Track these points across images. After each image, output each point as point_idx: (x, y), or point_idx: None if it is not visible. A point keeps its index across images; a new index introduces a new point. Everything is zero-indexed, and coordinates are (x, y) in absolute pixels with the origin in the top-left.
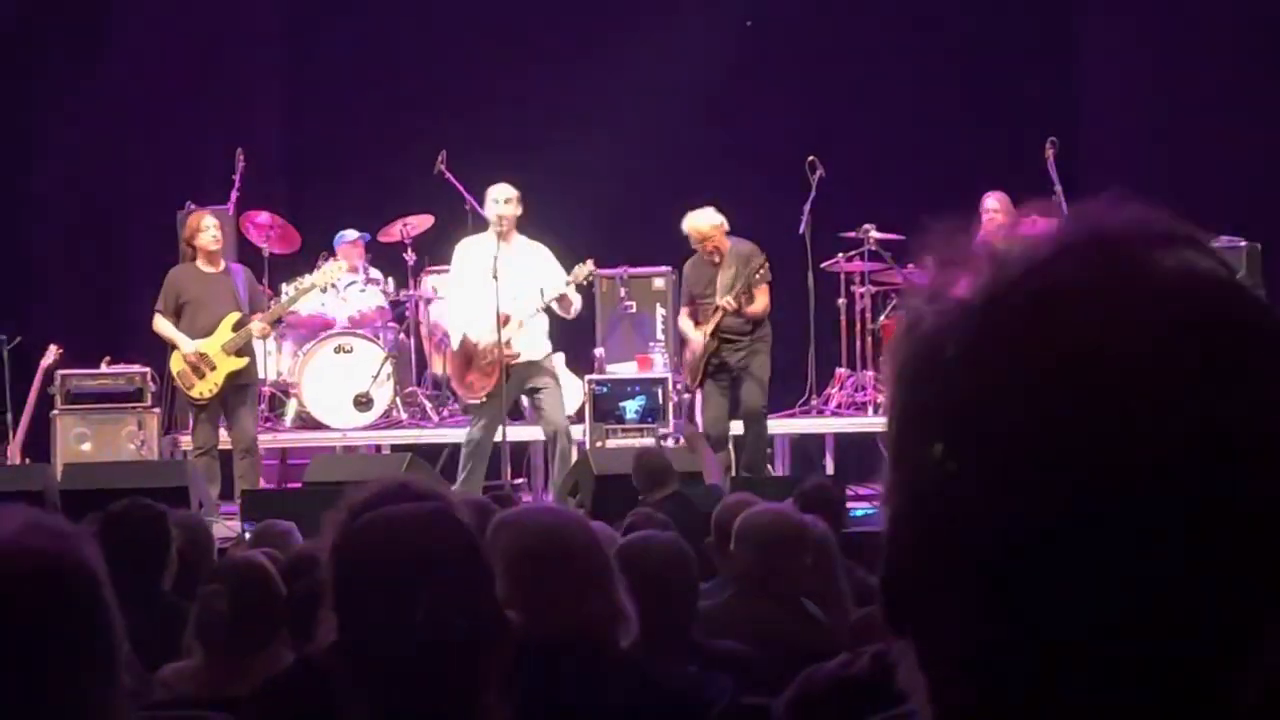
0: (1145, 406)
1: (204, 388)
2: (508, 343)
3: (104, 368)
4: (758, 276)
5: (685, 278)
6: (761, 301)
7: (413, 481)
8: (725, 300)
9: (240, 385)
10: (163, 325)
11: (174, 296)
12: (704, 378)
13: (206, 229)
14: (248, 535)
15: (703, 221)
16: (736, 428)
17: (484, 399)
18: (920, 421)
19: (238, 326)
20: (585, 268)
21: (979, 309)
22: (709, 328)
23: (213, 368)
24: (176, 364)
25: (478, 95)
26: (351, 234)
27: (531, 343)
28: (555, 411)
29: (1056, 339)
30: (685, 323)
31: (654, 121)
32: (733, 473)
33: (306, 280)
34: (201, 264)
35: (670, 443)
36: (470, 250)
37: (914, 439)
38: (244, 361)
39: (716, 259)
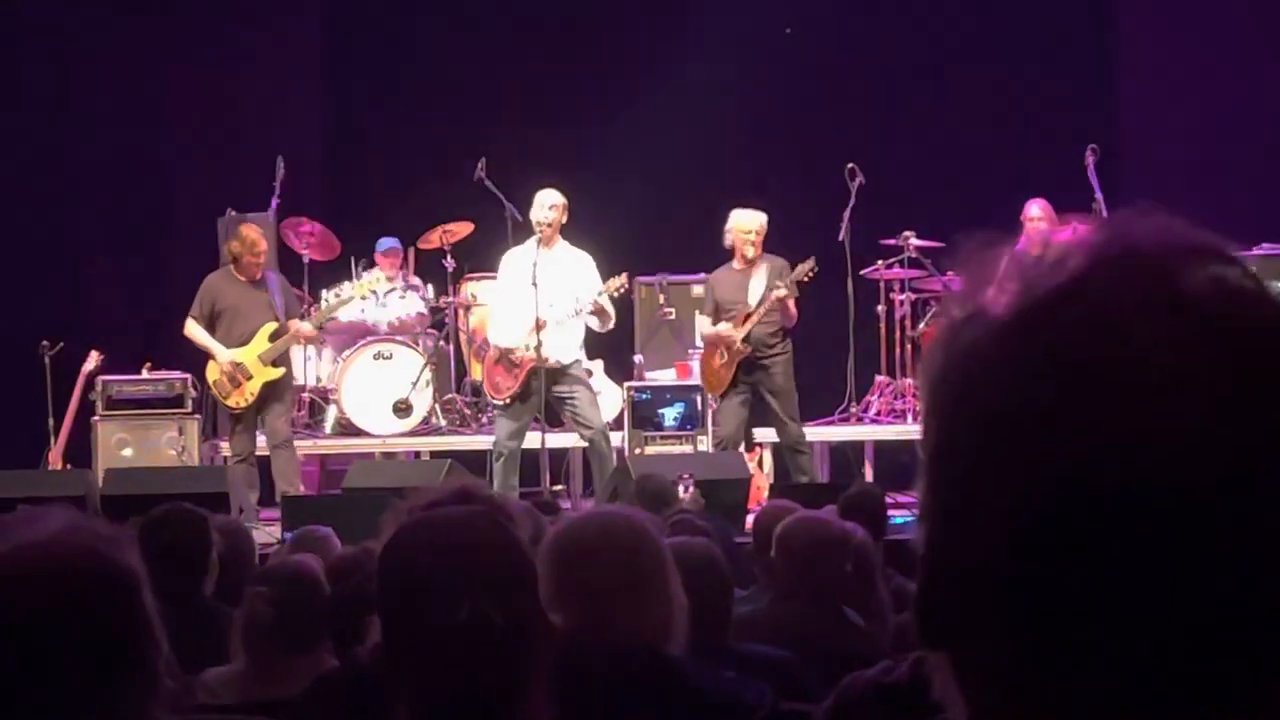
0: (1178, 422)
1: (239, 397)
2: (539, 346)
3: (145, 374)
4: (806, 279)
5: (712, 286)
6: (792, 310)
7: (472, 487)
8: (777, 292)
9: (273, 391)
10: (195, 331)
11: (209, 304)
12: (729, 388)
13: (261, 254)
14: (287, 540)
15: (744, 218)
16: (765, 434)
17: (508, 400)
18: (953, 440)
19: (275, 336)
20: (616, 280)
21: (1010, 327)
22: (741, 331)
23: (249, 377)
24: (213, 373)
25: (519, 102)
26: (386, 243)
27: (560, 347)
28: (590, 413)
29: (1086, 357)
30: (708, 325)
31: (694, 129)
32: (771, 478)
33: (346, 289)
34: (237, 272)
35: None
36: (513, 260)
37: (948, 457)
38: (280, 372)
39: (738, 264)
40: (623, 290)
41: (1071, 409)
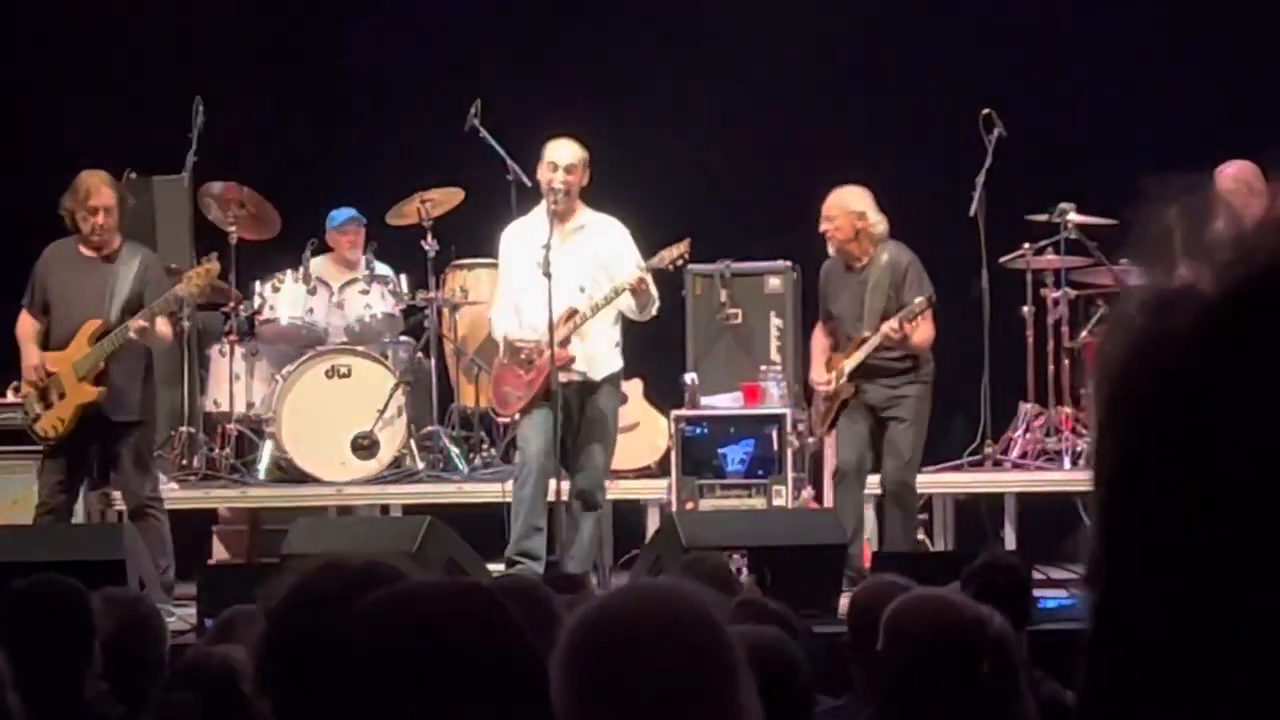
0: None
1: (49, 422)
2: (563, 342)
3: (10, 396)
4: (918, 303)
5: (823, 285)
6: (924, 331)
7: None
8: (890, 325)
9: (118, 423)
10: (20, 328)
11: (41, 287)
12: (835, 421)
13: (101, 209)
14: (207, 627)
15: (835, 199)
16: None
17: (517, 416)
18: (1142, 469)
19: (97, 339)
20: (676, 249)
21: (1227, 309)
22: (848, 364)
23: (61, 395)
24: (26, 384)
25: (525, 25)
26: (341, 215)
27: (591, 356)
28: (597, 460)
29: None
30: (814, 345)
31: (770, 66)
32: (875, 544)
33: (288, 281)
34: (80, 242)
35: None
36: (517, 238)
37: (1134, 493)
38: (94, 393)
39: (838, 253)
40: (683, 261)
41: None
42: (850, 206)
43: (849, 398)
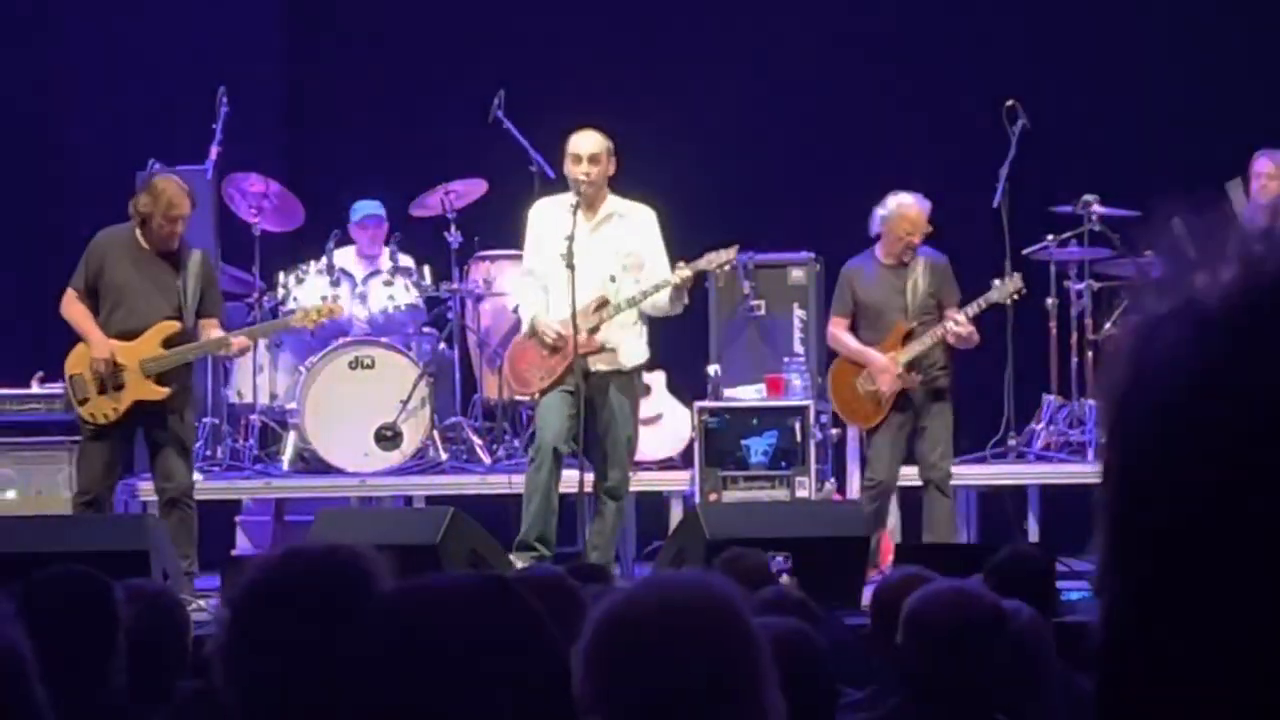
0: None
1: (100, 408)
2: (593, 330)
3: (35, 387)
4: (1013, 297)
5: (850, 281)
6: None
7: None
8: (968, 310)
9: (168, 414)
10: (74, 309)
11: (95, 270)
12: (887, 416)
13: (180, 219)
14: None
15: (914, 207)
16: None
17: (536, 397)
18: (1150, 475)
19: (172, 342)
20: (724, 254)
21: (1229, 321)
22: (903, 355)
23: (120, 386)
24: (77, 363)
25: (548, 16)
26: (364, 209)
27: (617, 347)
28: (620, 451)
29: None
30: (848, 337)
31: (792, 57)
32: (898, 536)
33: (311, 274)
34: (142, 236)
35: None
36: (548, 218)
37: (1142, 499)
38: (162, 393)
39: (906, 258)
40: (729, 267)
41: None
42: (928, 213)
43: (909, 388)
